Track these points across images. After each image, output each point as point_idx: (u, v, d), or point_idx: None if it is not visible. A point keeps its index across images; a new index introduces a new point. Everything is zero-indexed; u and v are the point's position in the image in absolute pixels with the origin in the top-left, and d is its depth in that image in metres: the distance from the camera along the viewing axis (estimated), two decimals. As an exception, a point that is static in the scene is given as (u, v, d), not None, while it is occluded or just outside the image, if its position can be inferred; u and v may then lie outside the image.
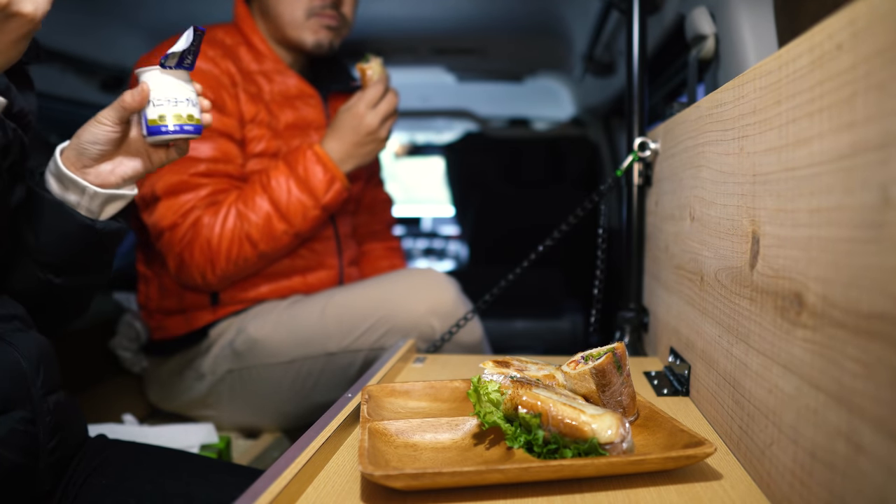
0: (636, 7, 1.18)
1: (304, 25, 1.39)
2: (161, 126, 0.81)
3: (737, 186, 0.68)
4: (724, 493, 0.58)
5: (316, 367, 1.34)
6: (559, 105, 3.20)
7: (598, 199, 1.21)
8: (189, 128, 0.83)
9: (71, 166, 0.82)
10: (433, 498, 0.56)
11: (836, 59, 0.45)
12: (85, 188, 0.83)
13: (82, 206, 0.84)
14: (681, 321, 0.93)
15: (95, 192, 0.83)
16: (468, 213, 3.32)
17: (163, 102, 0.81)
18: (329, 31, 1.41)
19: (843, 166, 0.45)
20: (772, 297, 0.57)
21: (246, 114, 1.35)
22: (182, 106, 0.82)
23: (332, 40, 1.43)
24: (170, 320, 1.41)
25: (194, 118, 0.83)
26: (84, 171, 0.83)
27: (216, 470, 0.88)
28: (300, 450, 0.62)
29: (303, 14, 1.38)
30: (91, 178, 0.83)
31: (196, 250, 1.28)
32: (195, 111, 0.84)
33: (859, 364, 0.42)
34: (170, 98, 0.81)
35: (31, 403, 0.74)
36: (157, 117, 0.81)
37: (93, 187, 0.83)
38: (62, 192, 0.83)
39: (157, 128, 0.81)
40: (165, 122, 0.81)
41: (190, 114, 0.83)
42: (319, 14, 1.39)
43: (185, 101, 0.82)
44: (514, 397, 0.63)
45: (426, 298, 1.29)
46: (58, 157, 0.82)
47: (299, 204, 1.31)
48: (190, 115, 0.83)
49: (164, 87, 0.81)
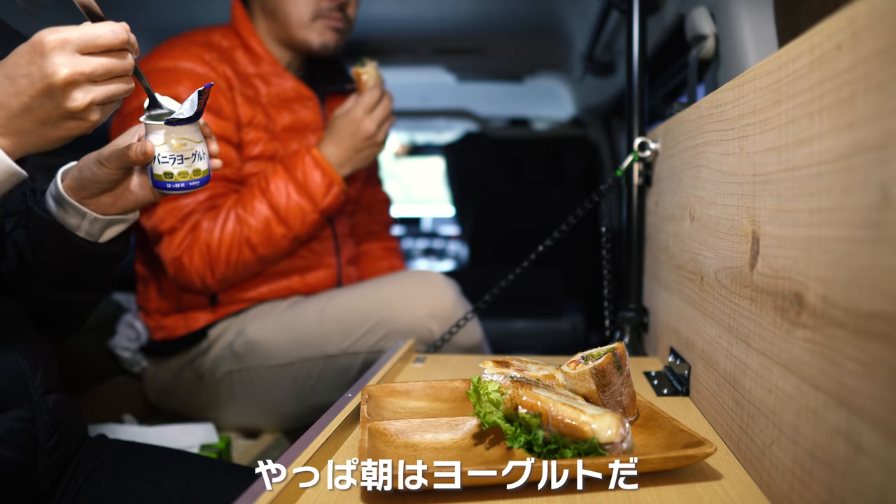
0: (636, 7, 1.18)
1: (311, 27, 1.39)
2: (166, 182, 0.80)
3: (737, 186, 0.68)
4: (724, 493, 0.58)
5: (315, 369, 1.34)
6: (559, 105, 3.20)
7: (598, 199, 1.21)
8: (195, 183, 0.81)
9: (72, 193, 0.80)
10: (433, 498, 0.56)
11: (836, 59, 0.45)
12: (85, 214, 0.81)
13: (82, 230, 0.82)
14: (681, 321, 0.93)
15: (96, 218, 0.82)
16: (468, 213, 3.32)
17: (168, 160, 0.79)
18: (335, 33, 1.41)
19: (843, 166, 0.45)
20: (772, 297, 0.57)
21: (243, 117, 1.36)
22: (188, 162, 0.80)
23: (336, 42, 1.43)
24: (168, 320, 1.41)
25: (201, 171, 0.82)
26: (84, 201, 0.81)
27: (216, 470, 0.88)
28: (300, 450, 0.62)
29: (309, 15, 1.38)
30: (92, 206, 0.81)
31: (196, 254, 1.28)
32: (202, 164, 0.82)
33: (859, 364, 0.42)
34: (176, 156, 0.79)
35: (29, 402, 0.74)
36: (162, 174, 0.79)
37: (93, 213, 0.81)
38: (62, 215, 0.81)
39: (164, 184, 0.80)
40: (171, 179, 0.80)
41: (197, 168, 0.81)
42: (326, 16, 1.39)
43: (191, 155, 0.80)
44: (514, 397, 0.63)
45: (425, 301, 1.29)
46: (59, 181, 0.80)
47: (298, 208, 1.31)
48: (196, 170, 0.81)
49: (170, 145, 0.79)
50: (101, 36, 0.65)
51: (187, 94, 1.34)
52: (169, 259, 1.30)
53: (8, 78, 0.64)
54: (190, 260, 1.29)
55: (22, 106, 0.64)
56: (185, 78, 1.31)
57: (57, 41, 0.63)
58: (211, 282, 1.31)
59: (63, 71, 0.63)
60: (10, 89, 0.64)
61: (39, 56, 0.63)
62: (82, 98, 0.65)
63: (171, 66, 1.32)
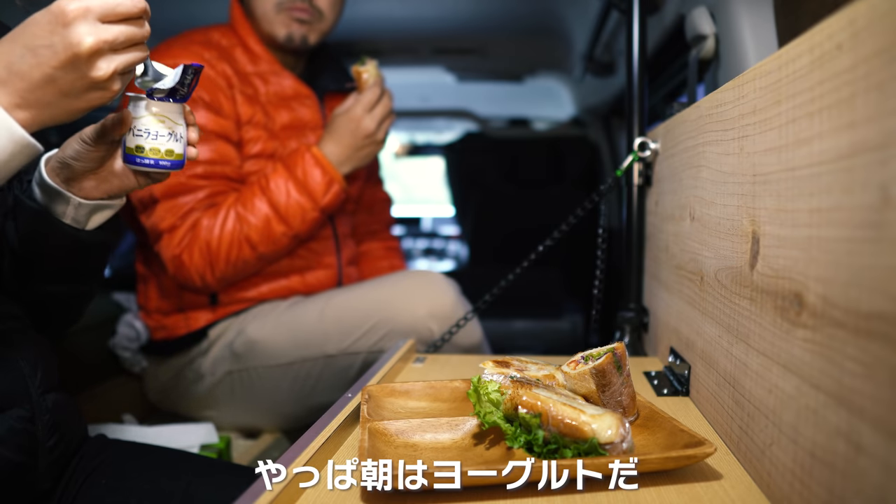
0: (636, 7, 1.18)
1: (276, 19, 1.38)
2: (136, 156, 0.79)
3: (737, 186, 0.68)
4: (724, 493, 0.58)
5: (315, 369, 1.34)
6: (559, 105, 3.20)
7: (598, 199, 1.21)
8: (165, 163, 0.80)
9: (55, 178, 0.80)
10: (433, 498, 0.56)
11: (836, 59, 0.45)
12: (70, 199, 0.80)
13: (68, 216, 0.81)
14: (681, 321, 0.93)
15: (80, 203, 0.81)
16: (468, 213, 3.32)
17: (142, 133, 0.79)
18: (301, 25, 1.39)
19: (843, 166, 0.45)
20: (772, 297, 0.58)
21: (242, 115, 1.36)
22: (162, 140, 0.79)
23: (304, 34, 1.40)
24: (169, 320, 1.41)
25: (174, 153, 0.81)
26: (68, 184, 0.81)
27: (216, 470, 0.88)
28: (300, 450, 0.62)
29: (273, 8, 1.38)
30: (75, 190, 0.81)
31: (195, 252, 1.29)
32: (177, 146, 0.81)
33: (859, 364, 0.42)
34: (150, 130, 0.79)
35: (29, 402, 0.74)
36: (134, 147, 0.79)
37: (77, 198, 0.80)
38: (47, 202, 0.81)
39: (133, 157, 0.79)
40: (142, 153, 0.79)
41: (170, 149, 0.80)
42: (290, 7, 1.37)
43: (166, 135, 0.79)
44: (514, 397, 0.63)
45: (425, 301, 1.29)
46: (42, 168, 0.80)
47: (298, 206, 1.31)
48: (169, 150, 0.80)
49: (147, 118, 0.79)
50: (121, 4, 0.64)
51: None
52: (169, 257, 1.30)
53: (28, 49, 0.62)
54: (190, 258, 1.29)
55: (44, 77, 0.63)
56: (184, 77, 1.31)
57: (79, 10, 0.62)
58: (211, 280, 1.31)
59: (88, 40, 0.62)
60: (32, 60, 0.62)
61: (62, 26, 0.62)
62: (106, 67, 0.65)
63: (171, 64, 1.32)
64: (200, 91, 1.31)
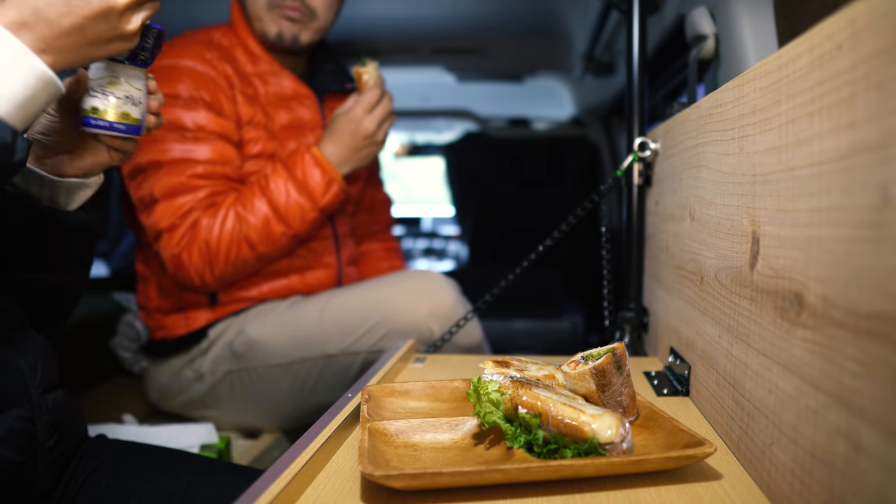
0: (636, 7, 1.18)
1: (266, 17, 1.38)
2: (91, 118, 0.77)
3: (737, 186, 0.68)
4: (724, 493, 0.58)
5: (315, 369, 1.34)
6: (559, 105, 3.20)
7: (598, 199, 1.21)
8: (120, 126, 0.78)
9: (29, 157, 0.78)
10: (433, 498, 0.56)
11: (836, 59, 0.45)
12: (43, 178, 0.79)
13: (45, 197, 0.81)
14: (681, 321, 0.93)
15: (53, 181, 0.80)
16: (468, 213, 3.32)
17: (97, 94, 0.77)
18: (292, 23, 1.39)
19: (843, 166, 0.45)
20: (772, 297, 0.58)
21: (243, 115, 1.36)
22: (118, 102, 0.77)
23: (295, 33, 1.40)
24: (169, 320, 1.41)
25: (130, 117, 0.79)
26: (41, 163, 0.80)
27: (216, 470, 0.88)
28: (300, 450, 0.62)
29: (264, 5, 1.38)
30: (48, 168, 0.80)
31: (195, 252, 1.29)
32: (134, 111, 0.79)
33: (859, 364, 0.42)
34: (106, 91, 0.77)
35: (29, 401, 0.74)
36: (89, 108, 0.77)
37: (50, 176, 0.80)
38: (23, 183, 0.80)
39: (88, 119, 0.77)
40: (97, 115, 0.77)
41: (126, 112, 0.78)
42: (280, 5, 1.37)
43: (123, 97, 0.78)
44: (514, 397, 0.63)
45: (426, 301, 1.29)
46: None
47: (297, 206, 1.32)
48: (125, 114, 0.78)
49: (104, 78, 0.77)
50: None
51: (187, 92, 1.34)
52: (168, 256, 1.30)
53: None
54: (189, 257, 1.29)
55: (74, 26, 0.65)
56: (185, 76, 1.32)
57: None
58: (210, 279, 1.31)
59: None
60: (62, 9, 0.64)
61: None
62: (136, 20, 0.68)
63: (172, 64, 1.33)
64: (202, 91, 1.32)
